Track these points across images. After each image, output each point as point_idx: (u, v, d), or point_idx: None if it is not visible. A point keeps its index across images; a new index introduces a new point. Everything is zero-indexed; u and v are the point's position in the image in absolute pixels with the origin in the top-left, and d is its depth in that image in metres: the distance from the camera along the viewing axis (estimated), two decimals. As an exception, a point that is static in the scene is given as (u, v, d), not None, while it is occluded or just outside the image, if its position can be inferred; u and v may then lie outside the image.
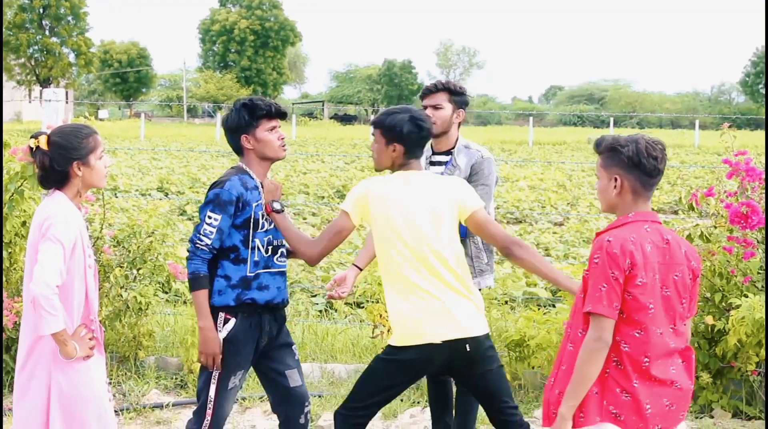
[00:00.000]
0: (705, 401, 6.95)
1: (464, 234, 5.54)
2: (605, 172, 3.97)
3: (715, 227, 7.23)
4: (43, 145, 4.32)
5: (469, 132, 61.26)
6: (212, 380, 4.98)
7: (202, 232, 4.90)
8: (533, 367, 7.31)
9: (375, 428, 6.54)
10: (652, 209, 4.07)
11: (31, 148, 4.36)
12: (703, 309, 6.97)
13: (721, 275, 6.96)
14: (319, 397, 7.13)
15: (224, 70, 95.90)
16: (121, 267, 7.68)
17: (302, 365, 7.61)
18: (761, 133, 36.02)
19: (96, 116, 77.90)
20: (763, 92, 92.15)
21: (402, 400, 7.01)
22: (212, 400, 4.97)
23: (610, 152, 3.95)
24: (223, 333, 4.94)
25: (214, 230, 4.90)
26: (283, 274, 5.13)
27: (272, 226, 5.04)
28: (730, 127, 7.80)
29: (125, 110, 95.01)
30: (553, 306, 8.62)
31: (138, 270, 7.81)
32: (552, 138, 52.38)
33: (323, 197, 21.40)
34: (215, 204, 4.92)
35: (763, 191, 7.19)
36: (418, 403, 7.07)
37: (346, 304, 10.04)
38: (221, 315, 4.95)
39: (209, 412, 4.98)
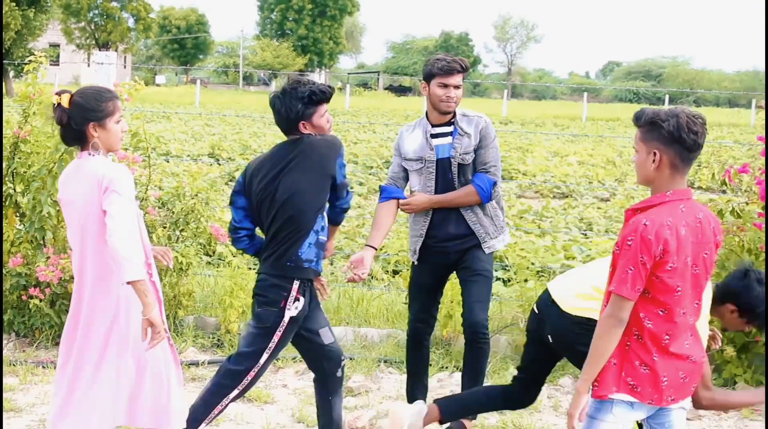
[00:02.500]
0: (729, 375, 7.05)
1: (488, 199, 5.80)
2: (644, 146, 3.95)
3: (747, 204, 7.31)
4: (65, 103, 4.47)
5: (522, 106, 60.95)
6: (266, 351, 5.12)
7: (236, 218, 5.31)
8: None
9: (404, 391, 6.73)
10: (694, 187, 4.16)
11: (54, 105, 4.52)
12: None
13: (750, 251, 7.04)
14: (351, 359, 7.32)
15: (281, 39, 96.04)
16: (164, 227, 7.90)
17: (336, 329, 7.87)
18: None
19: (153, 82, 78.61)
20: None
21: (431, 365, 7.17)
22: (259, 366, 5.12)
23: (651, 126, 3.94)
24: (293, 311, 5.08)
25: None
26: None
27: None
28: (768, 105, 7.84)
29: (182, 76, 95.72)
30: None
31: (181, 231, 8.03)
32: (606, 114, 52.01)
33: (371, 167, 21.54)
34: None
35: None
36: (446, 368, 7.24)
37: (384, 271, 10.21)
38: (294, 290, 5.09)
39: (251, 375, 5.12)
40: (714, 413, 6.58)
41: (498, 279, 9.67)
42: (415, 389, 6.20)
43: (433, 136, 5.95)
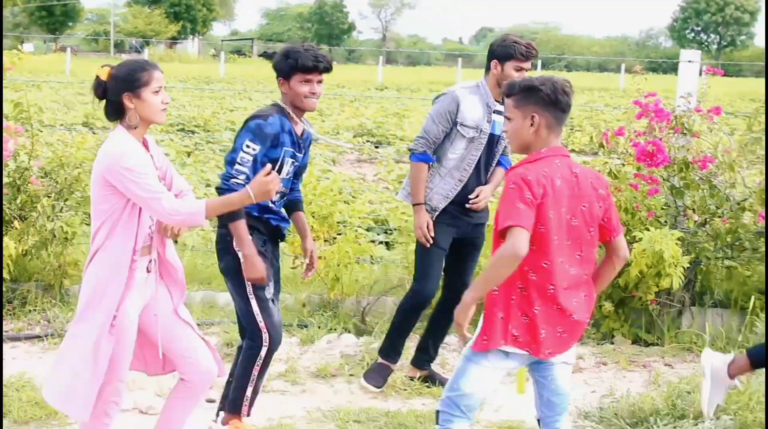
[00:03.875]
0: (607, 329, 7.35)
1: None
2: (520, 112, 4.11)
3: (623, 165, 7.57)
4: (103, 76, 4.40)
5: (397, 72, 61.30)
6: (250, 296, 5.12)
7: (239, 160, 4.99)
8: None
9: (293, 353, 6.84)
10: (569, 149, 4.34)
11: (96, 78, 4.43)
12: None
13: (627, 210, 7.31)
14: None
15: (153, 5, 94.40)
16: (48, 197, 7.82)
17: (225, 294, 7.90)
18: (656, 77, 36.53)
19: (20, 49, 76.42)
20: (691, 37, 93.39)
21: (319, 327, 7.29)
22: (259, 313, 5.11)
23: (527, 92, 4.10)
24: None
25: (251, 160, 4.98)
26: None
27: (289, 176, 5.26)
28: (643, 70, 8.12)
29: (51, 44, 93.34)
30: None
31: (65, 201, 7.97)
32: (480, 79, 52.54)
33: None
34: (256, 134, 5.01)
35: (670, 131, 7.53)
36: (334, 330, 7.35)
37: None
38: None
39: (263, 325, 5.12)
40: (594, 365, 6.85)
41: (381, 242, 9.82)
42: (397, 349, 6.40)
43: (496, 111, 6.10)
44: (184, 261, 7.53)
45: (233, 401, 5.28)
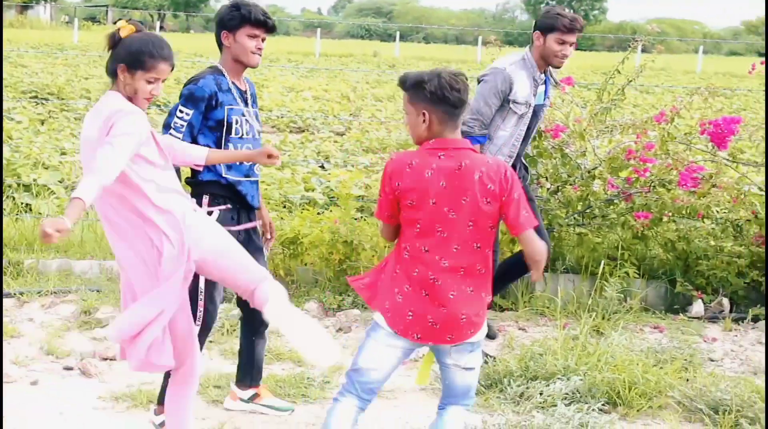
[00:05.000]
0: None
1: None
2: (413, 108, 4.09)
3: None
4: (123, 33, 4.24)
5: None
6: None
7: (173, 124, 4.92)
8: (306, 264, 7.68)
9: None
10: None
11: (116, 31, 4.26)
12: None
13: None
14: (98, 291, 7.30)
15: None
16: None
17: (82, 262, 7.79)
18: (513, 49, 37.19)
19: None
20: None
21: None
22: (203, 291, 5.01)
23: (415, 89, 4.07)
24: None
25: (185, 124, 4.92)
26: (257, 183, 5.31)
27: (251, 136, 5.15)
28: (498, 41, 8.27)
29: None
30: (329, 209, 8.96)
31: None
32: (339, 50, 52.53)
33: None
34: (188, 99, 4.97)
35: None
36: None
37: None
38: (206, 200, 5.03)
39: (201, 304, 5.02)
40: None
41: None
42: None
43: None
44: (37, 229, 7.42)
45: None
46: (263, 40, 5.16)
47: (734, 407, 5.44)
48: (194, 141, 4.97)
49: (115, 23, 4.33)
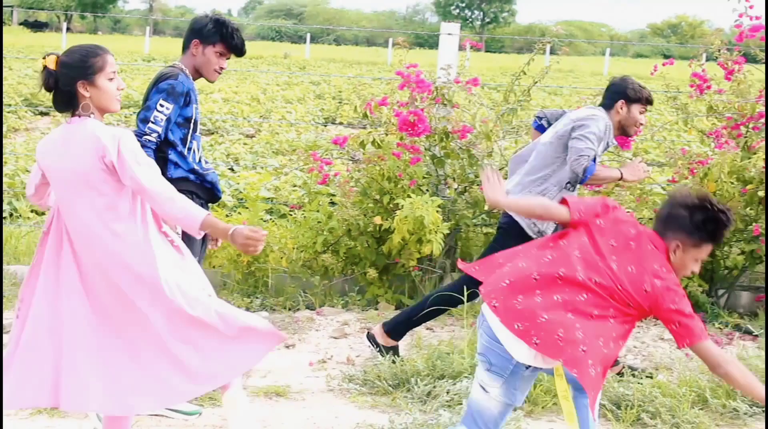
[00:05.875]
0: (372, 295, 7.53)
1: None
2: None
3: (387, 134, 7.74)
4: (51, 65, 4.09)
5: (165, 43, 60.18)
6: None
7: (152, 119, 4.96)
8: (214, 266, 7.65)
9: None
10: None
11: (42, 69, 4.11)
12: (373, 210, 7.49)
13: (390, 179, 7.48)
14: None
15: None
16: None
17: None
18: (423, 51, 37.54)
19: None
20: (455, 13, 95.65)
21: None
22: None
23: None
24: None
25: (165, 119, 4.99)
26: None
27: (199, 133, 5.28)
28: (406, 42, 8.31)
29: None
30: (237, 211, 8.91)
31: None
32: (250, 51, 52.03)
33: (10, 105, 20.67)
34: (170, 94, 5.02)
35: (431, 101, 7.75)
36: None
37: (31, 210, 9.98)
38: None
39: None
40: (359, 330, 6.99)
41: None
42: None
43: None
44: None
45: None
46: (227, 58, 5.27)
47: (636, 402, 5.56)
48: (167, 138, 5.08)
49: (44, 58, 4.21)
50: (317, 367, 6.18)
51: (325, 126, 18.86)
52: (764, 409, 5.56)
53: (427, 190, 7.63)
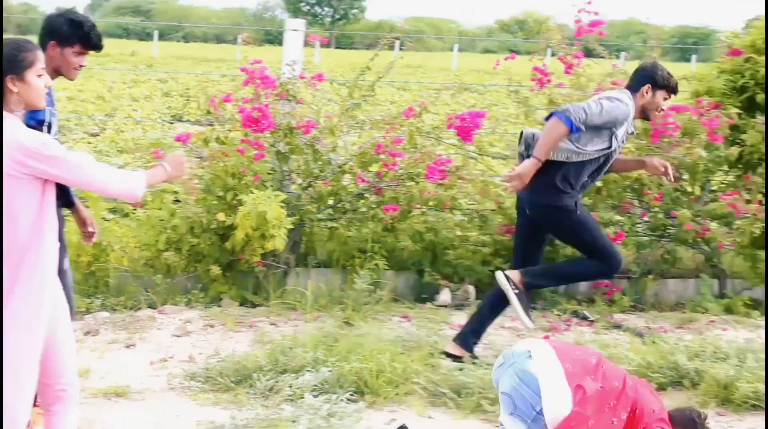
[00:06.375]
0: (215, 292, 7.46)
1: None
2: None
3: (231, 131, 7.69)
4: None
5: (9, 40, 58.60)
6: None
7: None
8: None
9: None
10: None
11: None
12: (216, 207, 7.42)
13: (234, 175, 7.43)
14: None
15: None
16: None
17: None
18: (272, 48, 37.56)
19: None
20: (306, 10, 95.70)
21: None
22: None
23: None
24: None
25: None
26: None
27: (57, 137, 4.98)
28: (250, 37, 8.27)
29: None
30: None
31: None
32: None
33: None
34: None
35: (276, 97, 7.74)
36: None
37: None
38: None
39: None
40: (202, 327, 6.93)
41: None
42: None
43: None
44: None
45: None
46: (86, 55, 5.12)
47: (476, 390, 5.65)
48: None
49: None
50: (158, 366, 6.10)
51: (172, 124, 18.59)
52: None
53: (272, 186, 7.60)
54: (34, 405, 4.38)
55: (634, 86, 6.37)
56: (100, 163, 4.09)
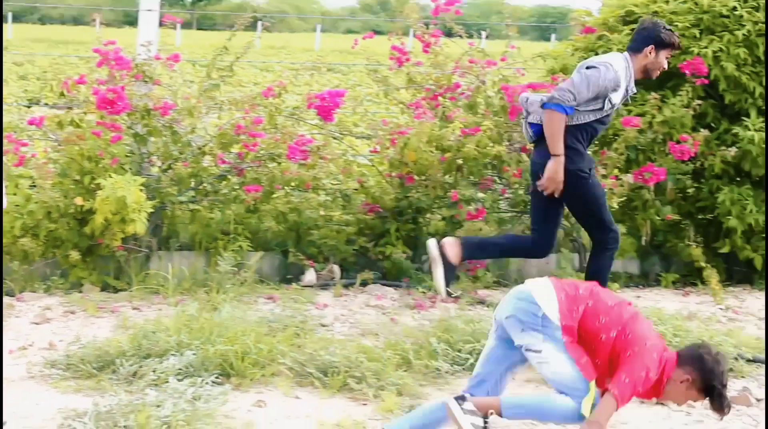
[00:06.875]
0: (75, 278, 7.31)
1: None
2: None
3: (86, 113, 7.53)
4: None
5: None
6: None
7: None
8: None
9: None
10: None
11: None
12: (73, 191, 7.27)
13: (91, 159, 7.28)
14: None
15: None
16: None
17: None
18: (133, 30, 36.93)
19: None
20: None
21: None
22: None
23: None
24: None
25: None
26: None
27: None
28: (96, 16, 8.14)
29: None
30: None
31: None
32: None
33: None
34: None
35: (132, 78, 7.62)
36: None
37: None
38: None
39: None
40: (62, 314, 6.78)
41: None
42: None
43: None
44: None
45: None
46: None
47: (342, 368, 5.67)
48: None
49: None
50: (17, 354, 5.94)
51: (30, 107, 18.11)
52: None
53: (131, 169, 7.48)
54: None
55: (636, 47, 6.46)
56: None
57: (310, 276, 7.73)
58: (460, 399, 4.41)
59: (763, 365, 6.26)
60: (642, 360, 4.30)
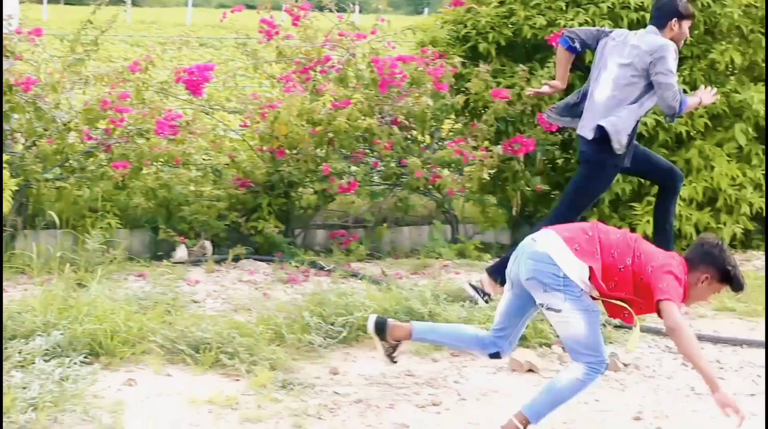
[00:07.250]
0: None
1: None
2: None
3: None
4: None
5: None
6: None
7: None
8: None
9: None
10: None
11: None
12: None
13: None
14: None
15: None
16: None
17: None
18: None
19: None
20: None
21: None
22: None
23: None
24: None
25: None
26: None
27: None
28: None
29: None
30: None
31: None
32: None
33: None
34: None
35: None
36: None
37: None
38: None
39: None
40: None
41: None
42: None
43: None
44: None
45: None
46: None
47: (215, 344, 5.62)
48: None
49: None
50: None
51: None
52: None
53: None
54: None
55: (660, 23, 6.62)
56: None
57: (181, 252, 7.63)
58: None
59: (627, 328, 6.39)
60: (665, 268, 4.46)
